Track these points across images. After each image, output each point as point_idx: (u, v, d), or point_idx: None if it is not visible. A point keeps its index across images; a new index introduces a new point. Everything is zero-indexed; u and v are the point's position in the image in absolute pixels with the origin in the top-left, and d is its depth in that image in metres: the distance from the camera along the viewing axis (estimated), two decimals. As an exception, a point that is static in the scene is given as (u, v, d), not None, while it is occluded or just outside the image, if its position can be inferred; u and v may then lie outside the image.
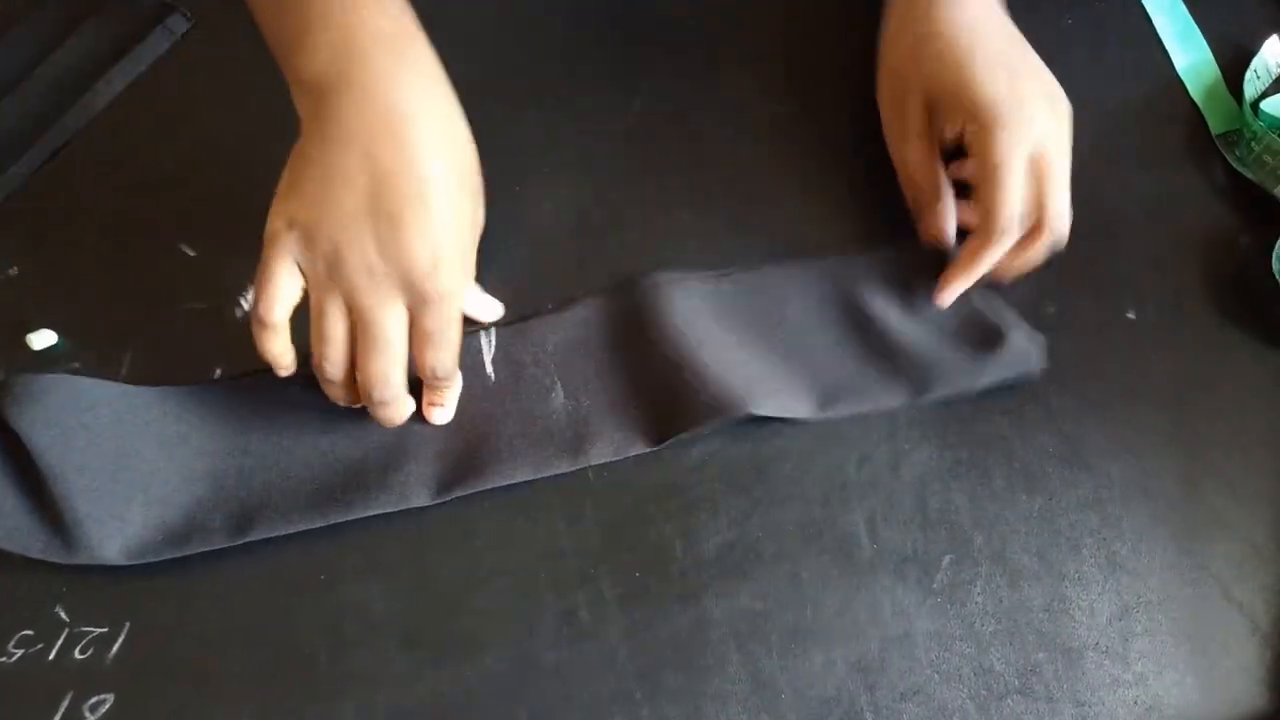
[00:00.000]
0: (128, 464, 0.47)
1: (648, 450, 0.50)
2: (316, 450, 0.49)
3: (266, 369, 0.46)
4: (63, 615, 0.46)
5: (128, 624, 0.47)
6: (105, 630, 0.46)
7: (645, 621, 0.47)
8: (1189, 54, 0.59)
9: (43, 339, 0.51)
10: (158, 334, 0.51)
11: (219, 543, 0.47)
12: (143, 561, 0.46)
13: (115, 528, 0.46)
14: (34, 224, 0.53)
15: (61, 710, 0.45)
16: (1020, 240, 0.50)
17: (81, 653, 0.46)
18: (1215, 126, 0.57)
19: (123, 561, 0.46)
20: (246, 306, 0.52)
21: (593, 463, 0.49)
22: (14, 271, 0.52)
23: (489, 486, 0.49)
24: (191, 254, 0.53)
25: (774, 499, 0.49)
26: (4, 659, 0.46)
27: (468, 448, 0.49)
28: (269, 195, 0.54)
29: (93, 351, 0.50)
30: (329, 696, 0.45)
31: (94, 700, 0.45)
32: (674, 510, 0.49)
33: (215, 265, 0.53)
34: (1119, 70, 0.58)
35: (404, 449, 0.49)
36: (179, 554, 0.46)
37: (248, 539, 0.47)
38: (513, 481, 0.49)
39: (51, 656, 0.46)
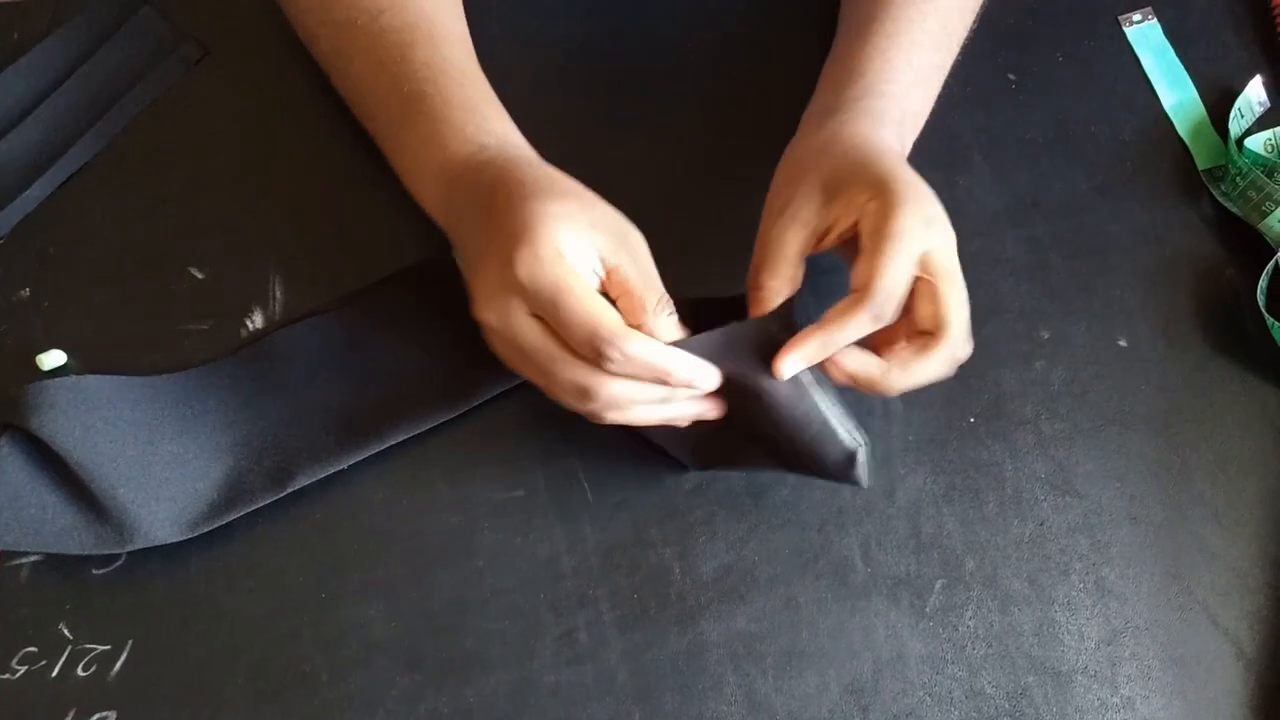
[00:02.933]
0: (154, 449, 0.48)
1: None
2: (331, 397, 0.51)
3: (261, 337, 0.51)
4: (66, 633, 0.47)
5: (130, 642, 0.47)
6: (108, 648, 0.47)
7: (643, 643, 0.48)
8: (1176, 92, 0.60)
9: (52, 359, 0.51)
10: (165, 354, 0.52)
11: (264, 500, 0.48)
12: (198, 533, 0.48)
13: (162, 508, 0.47)
14: (46, 247, 0.54)
15: (65, 726, 0.45)
16: (916, 349, 0.44)
17: (84, 670, 0.46)
18: (1201, 162, 0.59)
19: (178, 537, 0.47)
20: (252, 327, 0.53)
21: None
22: (25, 293, 0.53)
23: (497, 393, 0.51)
24: (199, 276, 0.54)
25: (770, 523, 0.50)
26: (7, 675, 0.46)
27: (474, 362, 0.50)
28: (275, 219, 0.55)
29: (101, 371, 0.51)
30: (329, 716, 0.46)
31: (96, 717, 0.46)
32: (672, 534, 0.50)
33: (222, 287, 0.54)
34: (1109, 107, 0.60)
35: (412, 375, 0.51)
36: (230, 519, 0.48)
37: (290, 490, 0.49)
38: (517, 383, 0.50)
39: (55, 673, 0.46)
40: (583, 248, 0.41)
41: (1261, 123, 0.60)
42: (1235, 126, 0.58)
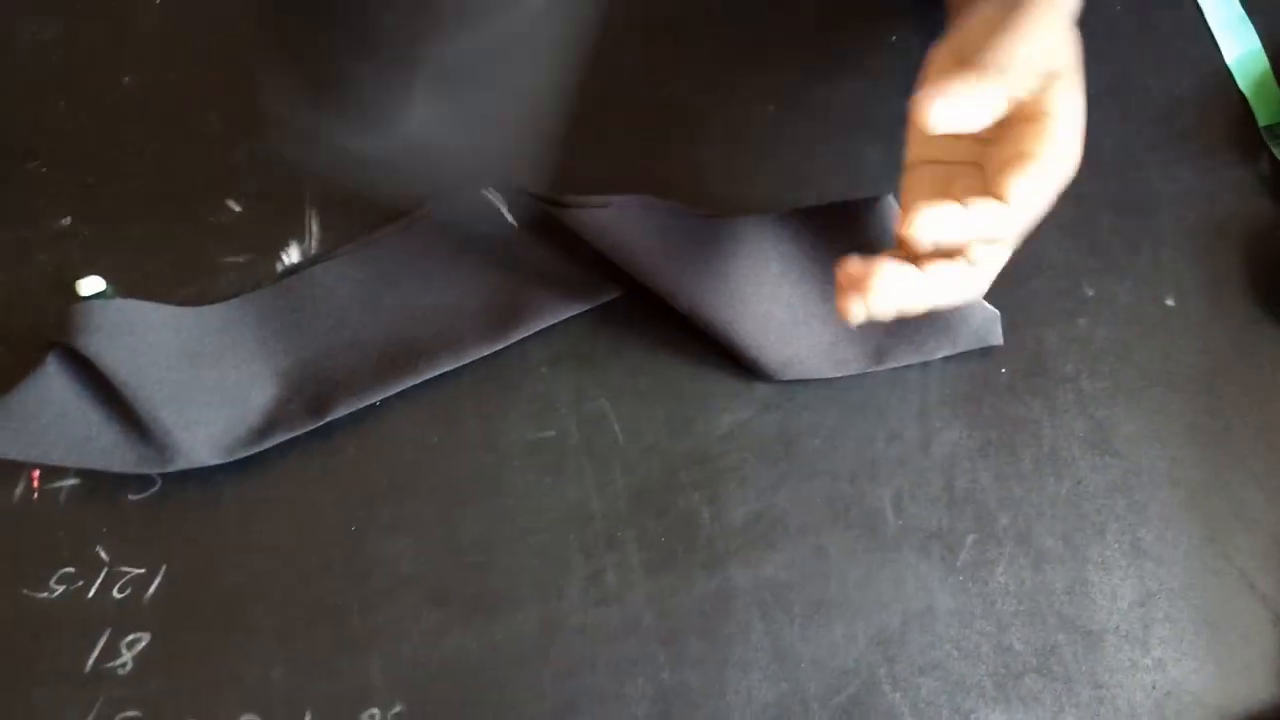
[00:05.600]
0: (197, 375, 0.49)
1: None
2: (370, 330, 0.51)
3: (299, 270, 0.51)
4: (102, 555, 0.48)
5: (164, 567, 0.48)
6: (143, 571, 0.48)
7: (670, 587, 0.48)
8: (1239, 45, 0.58)
9: (91, 285, 0.52)
10: (201, 285, 0.52)
11: (302, 429, 0.49)
12: (235, 458, 0.48)
13: (201, 431, 0.48)
14: (86, 176, 0.54)
15: (100, 645, 0.46)
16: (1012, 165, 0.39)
17: (120, 592, 0.47)
18: (1262, 118, 0.57)
19: (216, 460, 0.48)
20: (287, 261, 0.53)
21: (610, 297, 0.51)
22: (67, 221, 0.53)
23: (533, 331, 0.51)
24: (237, 209, 0.54)
25: (802, 472, 0.50)
26: (46, 594, 0.47)
27: (511, 299, 0.51)
28: (311, 160, 0.55)
29: (138, 299, 0.51)
30: (356, 647, 0.47)
31: (131, 638, 0.46)
32: (702, 479, 0.49)
33: (259, 221, 0.54)
34: (1167, 59, 0.58)
35: (450, 310, 0.51)
36: (267, 445, 0.49)
37: (329, 419, 0.49)
38: (554, 321, 0.51)
39: (91, 594, 0.47)
40: None
41: (1327, 78, 0.58)
42: (1299, 82, 0.56)
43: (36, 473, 0.49)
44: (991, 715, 0.46)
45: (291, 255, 0.53)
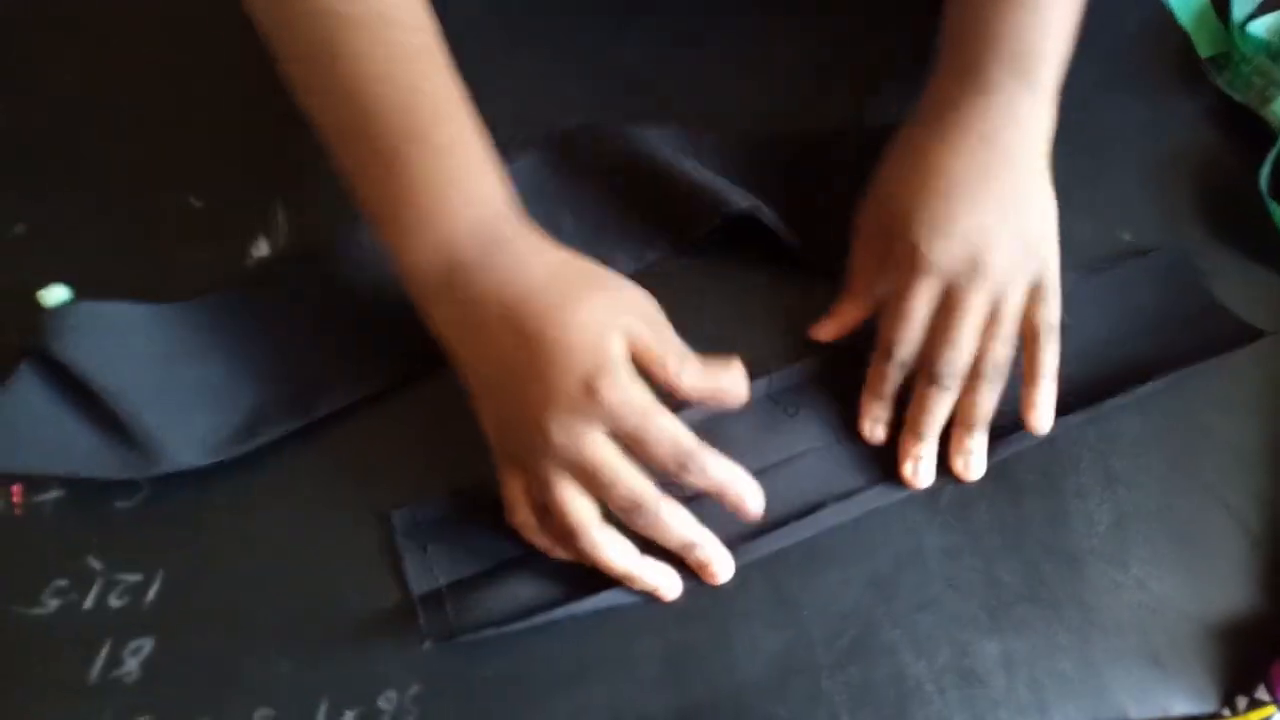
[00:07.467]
0: (177, 375, 0.48)
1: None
2: (354, 323, 0.50)
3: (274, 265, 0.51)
4: (95, 565, 0.47)
5: (161, 571, 0.47)
6: (139, 577, 0.47)
7: (670, 548, 0.48)
8: (1177, -21, 0.60)
9: (54, 295, 0.50)
10: (166, 285, 0.51)
11: (289, 427, 0.48)
12: (221, 459, 0.47)
13: (186, 432, 0.47)
14: (37, 180, 0.53)
15: (103, 655, 0.46)
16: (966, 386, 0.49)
17: (118, 599, 0.47)
18: (1203, 50, 0.58)
19: (203, 462, 0.47)
20: (257, 255, 0.52)
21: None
22: (20, 229, 0.52)
23: None
24: (198, 205, 0.53)
25: (788, 426, 0.51)
26: (40, 609, 0.46)
27: None
28: (275, 148, 0.54)
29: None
30: (365, 633, 0.47)
31: (134, 645, 0.46)
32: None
33: (222, 216, 0.53)
34: (1109, -2, 0.59)
35: None
36: (254, 446, 0.48)
37: (315, 417, 0.49)
38: None
39: (88, 605, 0.46)
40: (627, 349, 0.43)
41: (1265, 6, 0.59)
42: (1239, 11, 0.58)
43: (17, 487, 0.48)
44: (988, 644, 0.48)
45: (260, 249, 0.52)
